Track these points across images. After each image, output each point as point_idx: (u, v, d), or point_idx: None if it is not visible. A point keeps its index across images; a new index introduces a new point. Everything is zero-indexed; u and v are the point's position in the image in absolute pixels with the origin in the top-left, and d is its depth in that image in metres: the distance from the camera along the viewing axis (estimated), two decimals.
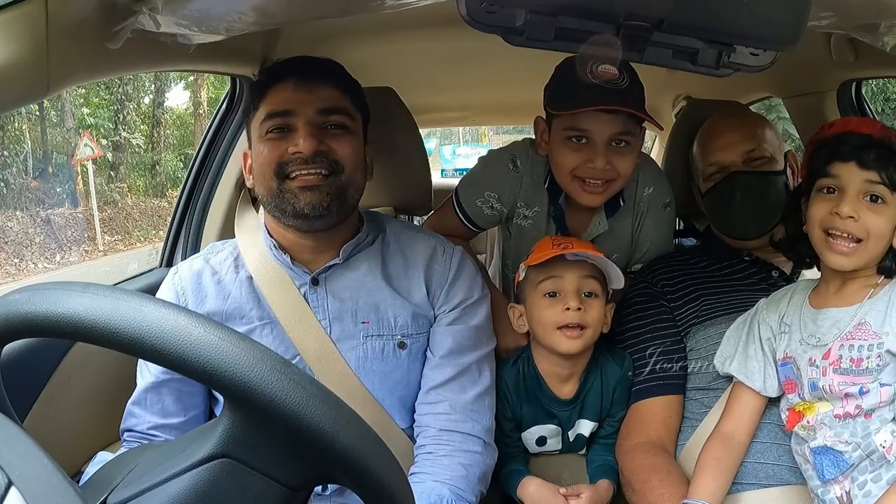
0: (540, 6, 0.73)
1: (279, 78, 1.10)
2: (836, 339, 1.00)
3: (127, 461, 0.61)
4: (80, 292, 0.50)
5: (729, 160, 1.32)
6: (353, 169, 1.10)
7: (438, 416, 1.10)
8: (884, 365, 0.96)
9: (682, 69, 0.82)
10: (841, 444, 0.98)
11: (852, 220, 1.00)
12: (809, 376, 1.02)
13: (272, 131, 1.08)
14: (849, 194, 1.01)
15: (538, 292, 1.23)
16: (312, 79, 1.10)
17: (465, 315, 1.16)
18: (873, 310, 0.99)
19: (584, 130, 1.25)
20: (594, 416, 1.29)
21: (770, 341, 1.11)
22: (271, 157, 1.07)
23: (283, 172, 1.06)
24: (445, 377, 1.12)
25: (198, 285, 1.13)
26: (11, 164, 10.26)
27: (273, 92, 1.09)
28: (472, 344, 1.16)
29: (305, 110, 1.07)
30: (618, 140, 1.25)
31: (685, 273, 1.35)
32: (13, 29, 0.73)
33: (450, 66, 2.08)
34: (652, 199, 1.42)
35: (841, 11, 0.89)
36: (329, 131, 1.09)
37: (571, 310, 1.19)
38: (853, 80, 1.67)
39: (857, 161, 1.01)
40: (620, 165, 1.26)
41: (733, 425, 1.12)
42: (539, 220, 1.43)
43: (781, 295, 1.14)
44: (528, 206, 1.42)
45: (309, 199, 1.05)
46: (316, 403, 0.50)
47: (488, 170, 1.46)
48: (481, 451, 1.11)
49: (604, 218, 1.40)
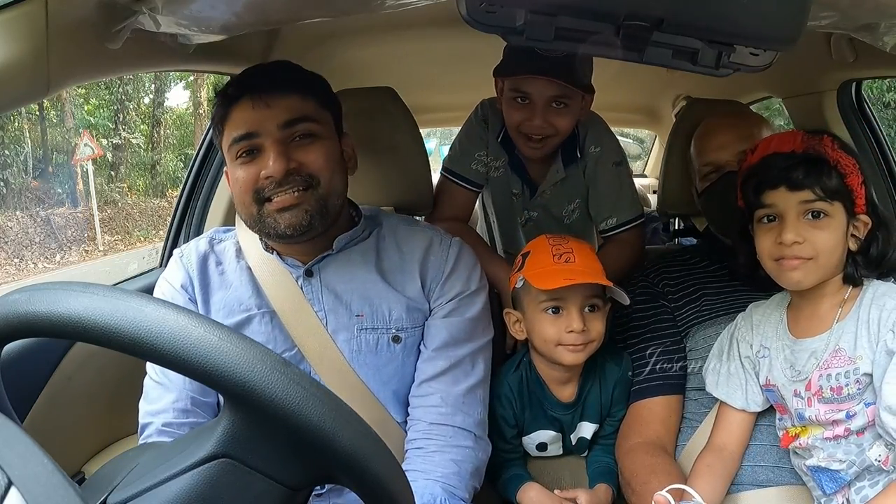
0: (540, 6, 0.73)
1: (234, 99, 1.06)
2: (815, 369, 0.98)
3: (127, 461, 0.61)
4: (80, 292, 0.50)
5: (724, 160, 1.32)
6: (331, 177, 1.07)
7: (429, 409, 1.09)
8: (864, 387, 0.95)
9: (682, 69, 0.82)
10: (836, 462, 0.98)
11: (798, 244, 0.98)
12: (795, 406, 1.02)
13: (241, 155, 1.06)
14: (788, 220, 0.99)
15: (539, 307, 1.20)
16: (269, 92, 1.05)
17: (461, 307, 1.15)
18: (846, 333, 0.98)
19: (525, 93, 1.41)
20: (595, 417, 1.29)
21: (749, 359, 1.11)
22: (246, 183, 1.05)
23: (260, 197, 1.04)
24: (437, 370, 1.11)
25: (203, 270, 1.13)
26: (11, 164, 10.25)
27: (233, 114, 1.06)
28: (466, 336, 1.14)
29: (268, 128, 1.03)
30: (557, 101, 1.40)
31: (686, 273, 1.35)
32: (13, 29, 0.73)
33: (450, 66, 2.08)
34: (599, 157, 1.55)
35: (841, 11, 0.89)
36: (298, 143, 1.05)
37: (576, 332, 1.17)
38: (853, 80, 1.67)
39: (787, 184, 1.00)
40: (558, 123, 1.42)
41: (723, 438, 1.12)
42: (506, 171, 1.60)
43: (759, 315, 1.12)
44: (497, 158, 1.60)
45: (288, 220, 1.04)
46: (316, 403, 0.50)
47: (471, 135, 1.60)
48: (472, 446, 1.09)
49: (561, 167, 1.56)
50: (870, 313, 0.96)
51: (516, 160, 1.57)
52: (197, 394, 1.07)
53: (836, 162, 0.99)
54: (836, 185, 0.99)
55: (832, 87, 1.68)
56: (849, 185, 0.99)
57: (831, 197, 0.98)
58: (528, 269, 1.21)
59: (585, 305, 1.18)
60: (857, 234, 1.01)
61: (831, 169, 0.99)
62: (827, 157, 1.00)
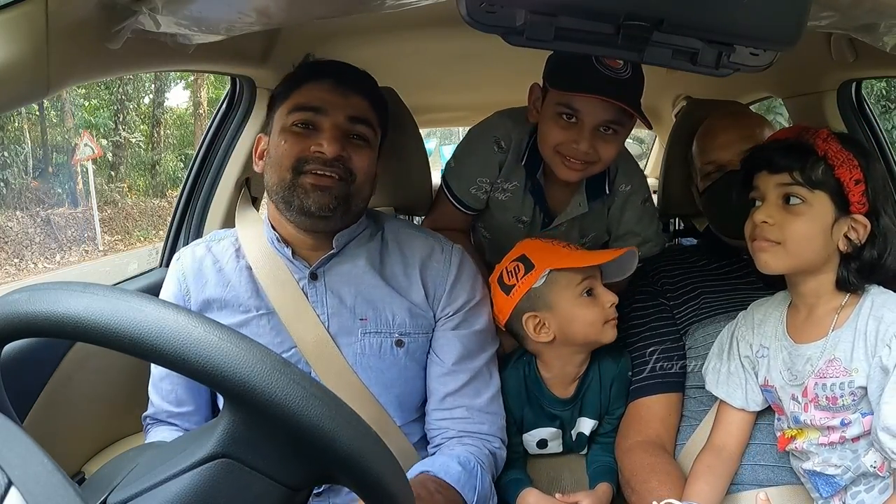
0: (540, 6, 0.73)
1: (317, 76, 1.11)
2: (811, 376, 0.98)
3: (127, 461, 0.61)
4: (80, 292, 0.50)
5: (726, 159, 1.31)
6: (364, 181, 1.11)
7: (457, 420, 1.13)
8: (859, 399, 0.94)
9: (682, 69, 0.82)
10: (831, 467, 0.98)
11: (767, 224, 0.99)
12: (792, 410, 1.01)
13: (297, 125, 1.08)
14: (768, 201, 1.01)
15: (573, 294, 1.20)
16: (349, 85, 1.11)
17: (469, 318, 1.17)
18: (842, 342, 0.96)
19: (575, 111, 1.25)
20: (594, 413, 1.29)
21: (749, 359, 1.10)
22: (292, 150, 1.07)
23: (299, 168, 1.06)
24: (459, 384, 1.13)
25: (199, 271, 1.14)
26: (11, 164, 10.26)
27: (307, 87, 1.10)
28: (479, 347, 1.17)
29: (336, 113, 1.08)
30: (606, 126, 1.26)
31: (686, 271, 1.35)
32: (13, 29, 0.73)
33: (450, 66, 2.08)
34: (629, 195, 1.45)
35: (841, 11, 0.89)
36: (352, 140, 1.09)
37: (615, 304, 1.22)
38: (853, 80, 1.67)
39: (768, 167, 1.01)
40: (603, 151, 1.27)
41: (722, 438, 1.12)
42: (517, 194, 1.45)
43: (761, 314, 1.12)
44: (508, 180, 1.44)
45: (318, 199, 1.06)
46: (316, 403, 0.50)
47: (476, 157, 1.45)
48: (498, 447, 1.15)
49: (585, 200, 1.42)
50: (867, 324, 0.95)
51: (536, 185, 1.42)
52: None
53: (824, 153, 0.98)
54: (820, 175, 0.97)
55: (832, 87, 1.68)
56: (838, 177, 0.97)
57: (812, 185, 0.97)
58: (545, 264, 1.20)
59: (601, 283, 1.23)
60: (855, 237, 0.98)
61: (819, 159, 0.98)
62: (814, 147, 0.99)
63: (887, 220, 0.98)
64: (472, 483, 1.03)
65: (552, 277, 1.20)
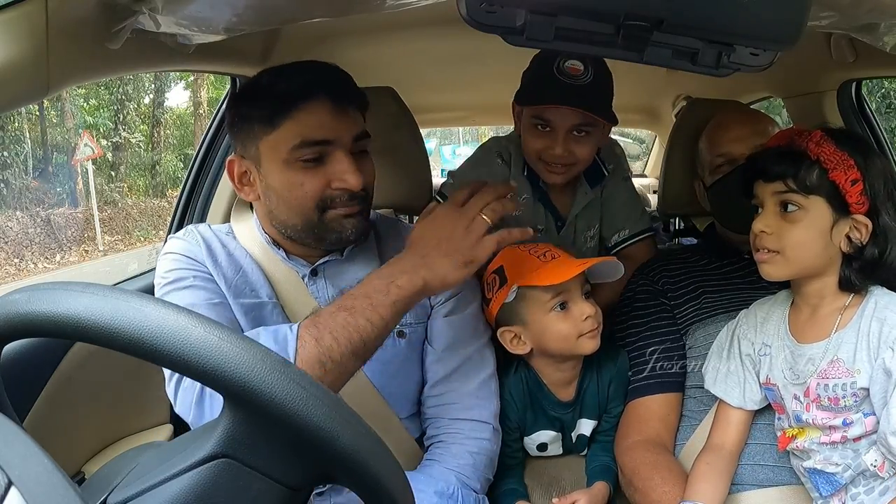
0: (540, 6, 0.73)
1: (311, 95, 0.98)
2: (813, 376, 0.97)
3: (127, 461, 0.61)
4: (80, 292, 0.50)
5: (738, 152, 1.30)
6: (372, 187, 1.09)
7: (447, 406, 1.13)
8: (861, 400, 0.94)
9: (682, 69, 0.82)
10: (832, 466, 0.97)
11: (765, 234, 1.00)
12: (793, 408, 1.01)
13: (306, 160, 0.99)
14: (766, 209, 1.01)
15: (546, 308, 1.18)
16: (346, 102, 1.01)
17: (460, 304, 1.17)
18: (845, 343, 0.96)
19: (547, 120, 1.36)
20: (594, 414, 1.29)
21: (751, 357, 1.10)
22: (313, 191, 1.00)
23: (324, 206, 1.01)
24: (449, 369, 1.13)
25: (210, 249, 1.10)
26: (11, 164, 10.26)
27: (306, 112, 0.98)
28: (470, 333, 1.17)
29: (344, 139, 1.00)
30: (578, 129, 1.36)
31: (687, 270, 1.34)
32: (13, 29, 0.73)
33: (450, 66, 2.08)
34: (613, 173, 1.54)
35: (841, 11, 0.89)
36: (359, 157, 1.04)
37: (591, 317, 1.17)
38: (853, 80, 1.67)
39: (763, 176, 1.01)
40: (579, 151, 1.38)
41: (721, 437, 1.12)
42: (528, 205, 1.51)
43: (763, 313, 1.11)
44: (518, 193, 1.48)
45: (354, 224, 1.04)
46: (316, 403, 0.50)
47: (485, 168, 1.51)
48: (490, 438, 1.13)
49: (588, 188, 1.51)
50: (870, 326, 0.94)
51: (541, 192, 1.50)
52: None
53: (817, 156, 0.98)
54: (815, 180, 0.97)
55: (832, 87, 1.68)
56: (833, 180, 0.97)
57: (807, 191, 0.97)
58: (515, 279, 1.18)
59: (583, 292, 1.20)
60: (857, 237, 0.98)
61: (813, 164, 0.97)
62: (807, 151, 0.99)
63: (887, 218, 0.97)
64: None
65: (521, 293, 1.18)
